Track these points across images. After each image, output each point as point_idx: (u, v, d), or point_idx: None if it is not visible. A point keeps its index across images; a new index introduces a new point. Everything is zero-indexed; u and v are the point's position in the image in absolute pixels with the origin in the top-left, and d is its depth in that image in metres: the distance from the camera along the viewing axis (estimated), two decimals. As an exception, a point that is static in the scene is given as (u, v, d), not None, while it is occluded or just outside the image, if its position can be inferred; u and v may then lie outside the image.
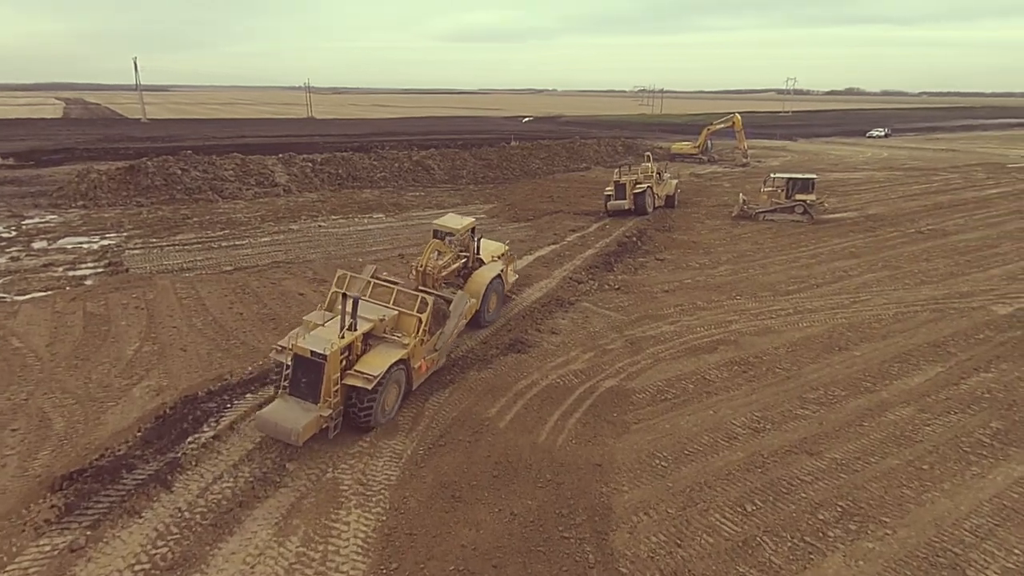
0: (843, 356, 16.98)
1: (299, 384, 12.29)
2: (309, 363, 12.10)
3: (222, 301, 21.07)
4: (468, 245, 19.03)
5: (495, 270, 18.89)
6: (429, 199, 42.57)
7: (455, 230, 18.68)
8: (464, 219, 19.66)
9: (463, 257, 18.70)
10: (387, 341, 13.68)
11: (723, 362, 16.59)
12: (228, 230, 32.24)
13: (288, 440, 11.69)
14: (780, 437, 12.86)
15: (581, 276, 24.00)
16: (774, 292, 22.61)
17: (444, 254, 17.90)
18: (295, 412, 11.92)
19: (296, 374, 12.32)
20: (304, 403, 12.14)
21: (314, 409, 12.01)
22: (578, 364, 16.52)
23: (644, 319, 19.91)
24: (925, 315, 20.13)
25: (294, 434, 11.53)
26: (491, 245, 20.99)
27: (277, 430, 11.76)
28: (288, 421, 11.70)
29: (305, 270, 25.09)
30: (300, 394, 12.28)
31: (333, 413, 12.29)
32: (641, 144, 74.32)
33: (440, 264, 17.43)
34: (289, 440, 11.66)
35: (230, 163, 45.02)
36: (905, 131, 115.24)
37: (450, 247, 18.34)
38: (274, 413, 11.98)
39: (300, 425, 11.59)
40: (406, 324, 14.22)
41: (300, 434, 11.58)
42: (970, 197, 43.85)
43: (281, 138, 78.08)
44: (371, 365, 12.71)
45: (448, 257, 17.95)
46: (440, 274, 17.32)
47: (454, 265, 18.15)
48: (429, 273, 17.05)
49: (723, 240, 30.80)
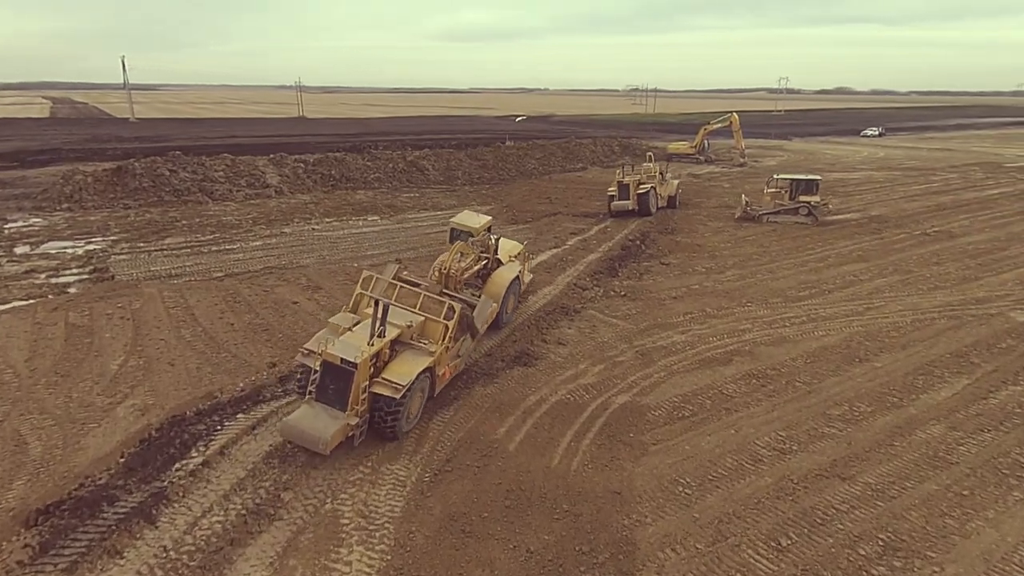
0: (864, 368, 16.26)
1: (327, 390, 12.06)
2: (338, 370, 11.87)
3: (212, 310, 20.13)
4: (487, 245, 18.73)
5: (514, 271, 18.64)
6: (424, 200, 41.66)
7: (474, 229, 18.39)
8: (481, 217, 19.50)
9: (484, 258, 18.36)
10: (414, 348, 13.36)
11: (740, 375, 15.82)
12: (218, 233, 31.24)
13: (315, 448, 11.41)
14: (808, 459, 12.10)
15: (586, 282, 23.20)
16: (785, 298, 21.88)
17: (466, 255, 17.56)
18: (322, 419, 11.70)
19: (324, 380, 12.08)
20: (331, 410, 11.92)
21: (341, 417, 11.79)
22: (588, 378, 15.72)
23: (653, 328, 19.13)
24: (943, 323, 19.46)
25: (322, 442, 11.29)
26: (507, 244, 20.71)
27: (304, 437, 11.49)
28: (316, 429, 11.45)
29: (299, 276, 24.16)
30: (327, 401, 12.05)
31: (360, 421, 12.08)
32: (637, 144, 73.64)
33: (463, 266, 17.10)
34: (316, 448, 11.39)
35: (220, 164, 43.93)
36: (898, 130, 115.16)
37: (473, 249, 18.00)
38: (301, 420, 11.71)
39: (328, 433, 11.37)
40: (432, 330, 13.91)
41: (328, 442, 11.34)
42: (972, 197, 43.40)
43: (272, 138, 76.91)
44: (399, 374, 12.42)
45: (471, 259, 17.65)
46: (463, 276, 17.02)
47: (476, 267, 17.84)
48: (452, 275, 16.67)
49: (728, 243, 30.08)
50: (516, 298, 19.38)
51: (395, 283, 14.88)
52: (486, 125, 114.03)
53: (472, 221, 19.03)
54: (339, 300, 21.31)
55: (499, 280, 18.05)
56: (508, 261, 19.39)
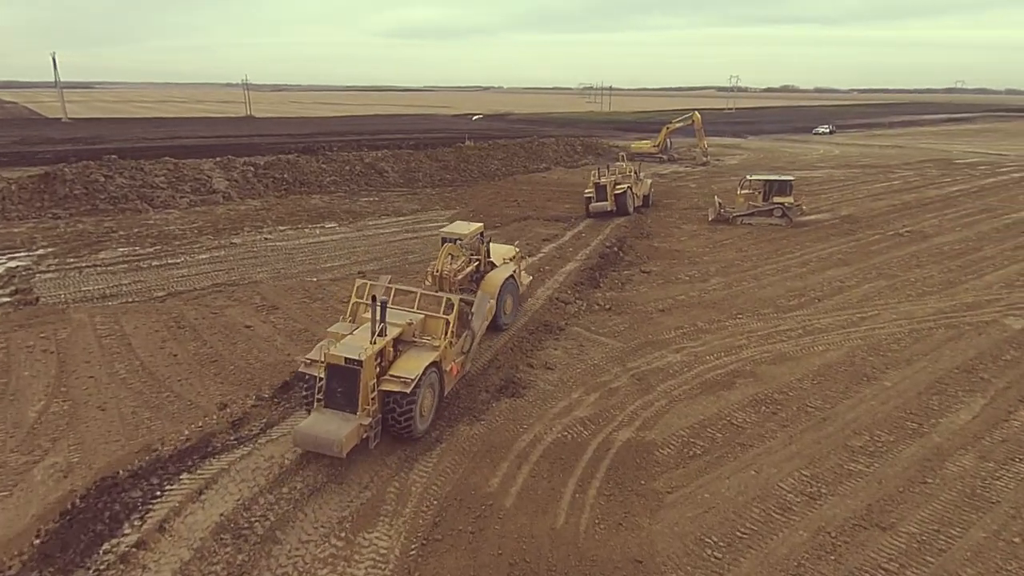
0: (874, 388, 15.18)
1: (335, 395, 11.94)
2: (344, 371, 11.77)
3: (152, 339, 17.82)
4: (478, 249, 18.83)
5: (507, 271, 18.67)
6: (385, 205, 39.52)
7: (463, 236, 18.61)
8: (472, 224, 19.66)
9: (475, 261, 18.46)
10: (417, 345, 13.38)
11: (746, 401, 14.53)
12: (160, 245, 28.58)
13: (330, 452, 11.23)
14: (841, 505, 10.81)
15: (567, 295, 21.67)
16: (776, 308, 20.82)
17: (457, 258, 17.70)
18: (334, 423, 11.54)
19: (331, 384, 11.95)
20: (342, 413, 11.82)
21: (353, 419, 11.69)
22: (583, 409, 14.17)
23: (645, 346, 17.74)
24: (941, 333, 18.66)
25: (336, 445, 11.10)
26: (501, 248, 20.75)
27: (318, 443, 11.31)
28: (329, 432, 11.27)
29: (251, 294, 21.92)
30: (336, 405, 11.94)
31: (372, 422, 11.92)
32: (598, 143, 72.69)
33: (455, 268, 17.21)
34: (332, 452, 11.21)
35: (161, 168, 40.81)
36: (847, 128, 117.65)
37: (462, 251, 18.10)
38: (313, 426, 11.52)
39: (342, 435, 11.19)
40: (433, 327, 13.94)
41: (343, 444, 11.16)
42: (934, 195, 43.71)
43: (219, 139, 73.05)
44: (406, 369, 12.41)
45: (461, 260, 17.80)
46: (455, 278, 17.02)
47: (468, 269, 17.92)
48: (445, 277, 16.75)
49: (705, 247, 29.04)
50: (515, 300, 19.23)
51: (390, 286, 15.02)
52: (443, 124, 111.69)
53: (461, 229, 19.32)
54: (299, 322, 19.26)
55: (493, 280, 17.94)
56: (502, 264, 19.33)
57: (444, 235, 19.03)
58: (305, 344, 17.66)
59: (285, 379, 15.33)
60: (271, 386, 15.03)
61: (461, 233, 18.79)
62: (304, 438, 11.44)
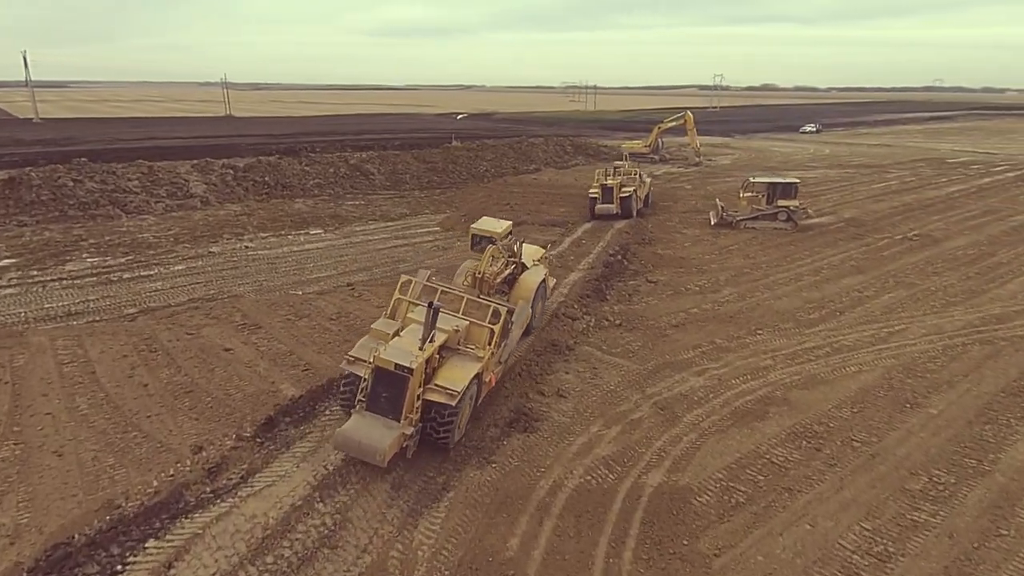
0: (919, 417, 13.87)
1: (379, 399, 11.61)
2: (392, 377, 11.44)
3: (120, 365, 16.05)
4: (513, 249, 18.31)
5: (540, 274, 18.29)
6: (372, 209, 37.77)
7: (496, 234, 18.14)
8: (502, 222, 19.28)
9: (512, 263, 18.00)
10: (460, 353, 12.98)
11: (784, 434, 13.14)
12: (133, 255, 26.68)
13: (372, 460, 10.97)
14: (916, 568, 9.43)
15: (574, 310, 20.17)
16: (796, 323, 19.52)
17: (497, 260, 17.24)
18: (377, 430, 11.23)
19: (376, 389, 11.63)
20: (385, 420, 11.46)
21: (396, 427, 11.35)
22: (605, 446, 12.69)
23: (663, 368, 16.31)
24: (976, 350, 17.45)
25: (379, 453, 10.84)
26: (529, 249, 20.16)
27: (361, 449, 11.00)
28: (372, 439, 10.98)
29: (231, 311, 20.16)
30: (379, 410, 11.56)
31: (414, 431, 11.56)
32: (587, 143, 71.31)
33: (495, 271, 16.77)
34: (373, 460, 10.95)
35: (135, 172, 38.71)
36: (832, 126, 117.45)
37: (502, 253, 17.64)
38: (356, 431, 11.19)
39: (385, 444, 10.90)
40: (477, 335, 13.53)
41: (385, 453, 10.89)
42: (933, 196, 42.88)
43: (197, 139, 70.56)
44: (452, 380, 11.97)
45: (500, 263, 17.37)
46: (495, 281, 16.65)
47: (506, 272, 17.47)
48: (487, 280, 16.29)
49: (711, 254, 27.73)
50: (543, 302, 19.03)
51: (436, 286, 14.54)
52: (428, 124, 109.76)
53: (493, 226, 18.88)
54: (283, 344, 17.58)
55: (527, 284, 17.57)
56: (532, 265, 18.89)
57: (474, 231, 18.61)
58: (291, 369, 16.04)
59: (269, 413, 13.68)
60: (253, 422, 13.36)
61: (493, 231, 18.29)
62: (345, 442, 11.07)
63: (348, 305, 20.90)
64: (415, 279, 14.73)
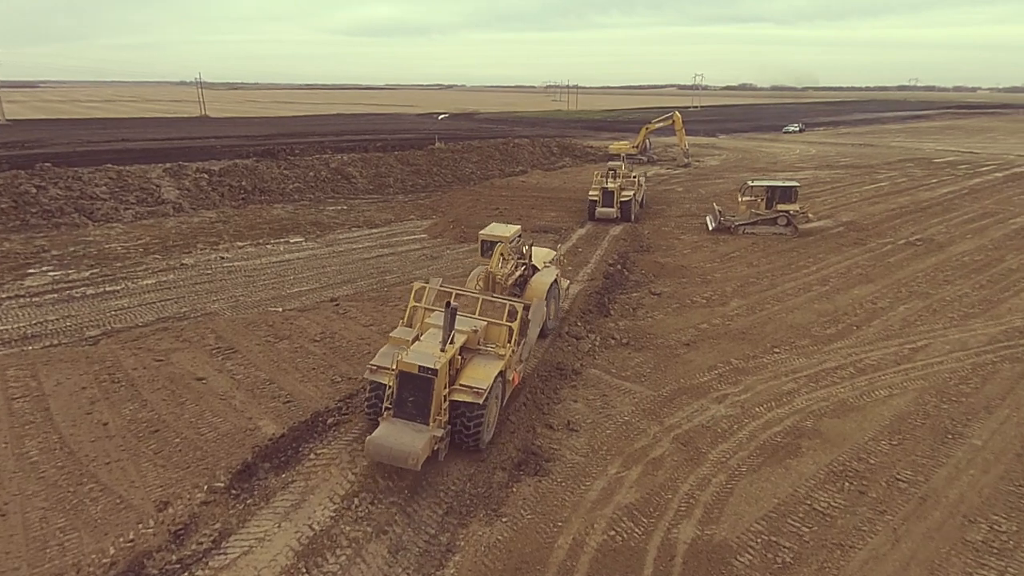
0: (964, 450, 12.71)
1: (405, 404, 11.62)
2: (416, 380, 11.49)
3: (77, 399, 14.37)
4: (523, 252, 18.42)
5: (551, 275, 18.02)
6: (354, 215, 36.12)
7: (504, 238, 17.86)
8: (510, 227, 19.10)
9: (522, 265, 17.91)
10: (482, 353, 13.03)
11: (822, 474, 11.89)
12: (98, 268, 24.85)
13: (405, 464, 10.89)
14: (1000, 644, 8.20)
15: (577, 328, 18.80)
16: (813, 339, 18.36)
17: (507, 260, 17.26)
18: (407, 435, 11.19)
19: (402, 394, 11.64)
20: (413, 424, 11.47)
21: (425, 430, 11.36)
22: (627, 493, 11.33)
23: (680, 395, 15.01)
24: (1007, 368, 16.40)
25: (412, 457, 10.78)
26: (540, 251, 20.22)
27: (393, 455, 10.94)
28: (404, 444, 10.93)
29: (204, 332, 18.51)
30: (407, 415, 11.59)
31: (444, 433, 11.53)
32: (573, 144, 70.09)
33: (506, 272, 16.68)
34: (406, 465, 10.88)
35: (102, 177, 36.65)
36: (814, 126, 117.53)
37: (513, 253, 17.65)
38: (387, 437, 11.12)
39: (417, 447, 10.87)
40: (495, 334, 13.59)
41: (419, 457, 10.83)
42: (927, 198, 42.25)
43: (170, 141, 67.92)
44: (476, 379, 12.05)
45: (511, 264, 17.31)
46: (507, 282, 16.55)
47: (517, 273, 17.34)
48: (499, 281, 16.26)
49: (713, 262, 26.56)
50: (557, 304, 18.74)
51: (450, 289, 14.50)
52: (410, 124, 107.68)
53: (501, 231, 18.63)
54: (262, 371, 15.99)
55: (538, 285, 17.34)
56: (543, 267, 18.73)
57: (483, 237, 18.54)
58: (270, 402, 14.49)
59: (246, 457, 12.13)
60: (227, 469, 11.79)
61: (502, 236, 18.07)
62: (378, 449, 10.98)
63: (333, 324, 19.35)
64: (428, 285, 14.69)
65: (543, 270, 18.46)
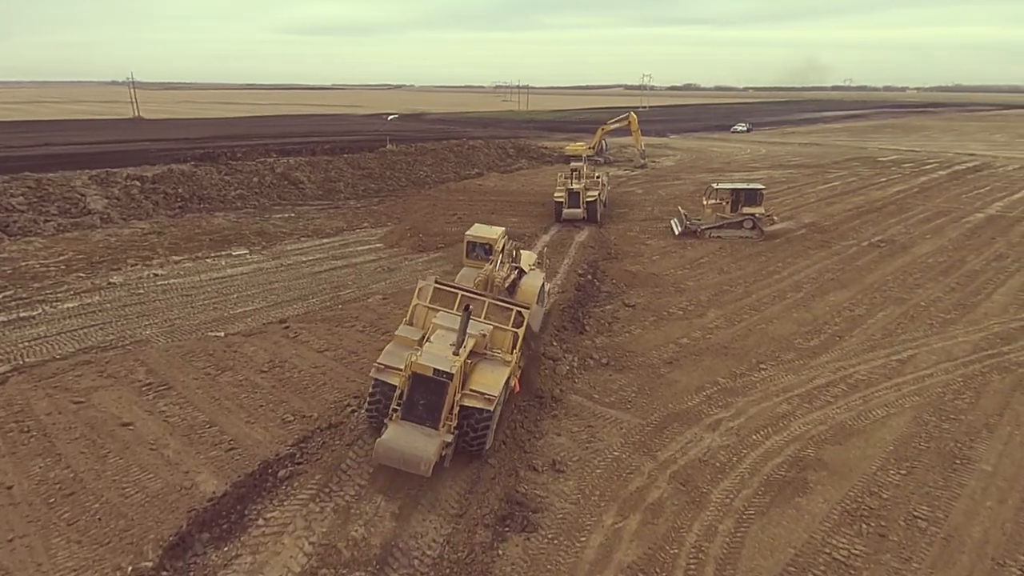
0: (975, 477, 11.91)
1: (415, 407, 11.32)
2: (430, 383, 11.21)
3: (-25, 457, 12.16)
4: (511, 253, 18.24)
5: (539, 278, 17.40)
6: (303, 223, 33.91)
7: (491, 240, 17.97)
8: (495, 228, 19.26)
9: (515, 268, 17.46)
10: (488, 358, 12.77)
11: (836, 514, 10.84)
12: (12, 289, 22.16)
13: (416, 470, 10.50)
14: None
15: (553, 348, 17.45)
16: (798, 352, 17.53)
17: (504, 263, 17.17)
18: (418, 439, 10.87)
19: (413, 396, 11.35)
20: (423, 428, 11.17)
21: (435, 435, 11.10)
22: (628, 549, 10.00)
23: (669, 422, 13.83)
24: (997, 379, 15.87)
25: (424, 463, 10.42)
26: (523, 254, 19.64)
27: (404, 460, 10.53)
28: (416, 449, 10.57)
29: (133, 365, 16.36)
30: (416, 418, 11.28)
31: (452, 439, 11.33)
32: (528, 145, 68.90)
33: (502, 275, 16.29)
34: (418, 471, 10.49)
35: (19, 186, 33.38)
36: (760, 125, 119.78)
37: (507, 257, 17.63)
38: (396, 440, 10.75)
39: (429, 452, 10.56)
40: (500, 339, 13.30)
41: (431, 462, 10.47)
42: (879, 197, 42.72)
43: (99, 145, 63.41)
44: (486, 384, 11.81)
45: (506, 268, 17.06)
46: (504, 285, 16.03)
47: (511, 276, 16.83)
48: (496, 285, 15.73)
49: (683, 268, 25.66)
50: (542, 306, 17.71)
51: (455, 291, 14.04)
52: (358, 125, 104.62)
53: (487, 232, 18.79)
54: (202, 412, 14.05)
55: (528, 288, 16.69)
56: (529, 270, 18.12)
57: (470, 238, 18.37)
58: (211, 450, 12.62)
59: (180, 525, 10.27)
60: (157, 543, 9.91)
61: (489, 237, 18.09)
62: (388, 452, 10.66)
63: (283, 350, 17.47)
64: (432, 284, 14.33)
65: (530, 272, 17.86)
